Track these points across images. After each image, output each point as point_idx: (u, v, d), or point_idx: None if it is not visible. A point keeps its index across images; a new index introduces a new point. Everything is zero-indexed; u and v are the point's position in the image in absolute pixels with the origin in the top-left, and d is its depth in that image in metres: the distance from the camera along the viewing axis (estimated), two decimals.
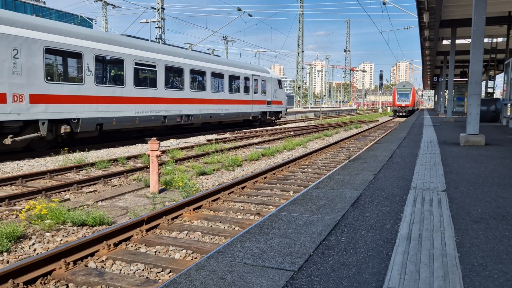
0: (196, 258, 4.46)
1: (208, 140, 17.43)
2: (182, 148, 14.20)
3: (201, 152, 13.10)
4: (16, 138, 11.60)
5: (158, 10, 33.70)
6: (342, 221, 3.61)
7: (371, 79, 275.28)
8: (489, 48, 25.71)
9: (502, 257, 2.73)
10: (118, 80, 15.07)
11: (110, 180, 8.94)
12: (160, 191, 7.82)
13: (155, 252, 4.66)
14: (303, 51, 64.21)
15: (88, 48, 13.59)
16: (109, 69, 14.93)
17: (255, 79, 25.56)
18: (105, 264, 4.30)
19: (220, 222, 5.72)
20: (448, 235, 3.18)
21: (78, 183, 8.19)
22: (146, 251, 4.68)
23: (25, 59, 11.57)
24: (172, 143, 16.39)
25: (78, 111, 13.24)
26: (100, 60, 14.20)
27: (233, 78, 22.94)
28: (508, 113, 17.86)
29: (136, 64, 15.71)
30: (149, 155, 7.74)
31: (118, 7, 40.59)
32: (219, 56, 26.01)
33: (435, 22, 18.47)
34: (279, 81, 29.65)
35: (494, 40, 25.10)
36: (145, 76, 16.60)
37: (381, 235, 3.22)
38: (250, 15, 36.98)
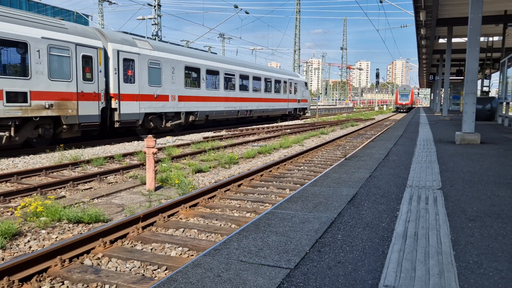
0: (192, 255, 4.46)
1: (204, 138, 17.41)
2: (178, 146, 14.18)
3: (198, 149, 13.08)
4: (172, 123, 18.54)
5: (155, 7, 33.57)
6: (338, 219, 3.61)
7: (367, 77, 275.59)
8: (485, 47, 25.79)
9: (497, 255, 2.75)
10: (216, 86, 22.27)
11: (106, 177, 8.91)
12: (156, 189, 7.81)
13: (151, 249, 4.65)
14: (299, 49, 64.24)
15: (203, 65, 20.75)
16: (212, 78, 22.07)
17: (290, 82, 32.86)
18: (101, 262, 4.29)
19: (216, 220, 5.72)
20: (444, 233, 3.20)
21: (74, 180, 8.16)
22: (142, 249, 4.67)
23: (176, 74, 18.48)
24: (168, 140, 16.36)
25: (197, 107, 20.26)
26: (208, 72, 21.27)
27: (277, 82, 30.44)
28: (504, 112, 17.95)
29: (225, 74, 22.89)
30: (145, 153, 7.72)
31: (114, 3, 40.37)
32: (257, 63, 34.14)
33: (432, 20, 18.50)
34: (306, 83, 37.27)
35: (490, 39, 25.17)
36: (228, 82, 23.61)
37: (377, 233, 3.23)
38: (247, 13, 36.90)
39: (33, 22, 12.10)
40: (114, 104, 14.92)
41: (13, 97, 11.35)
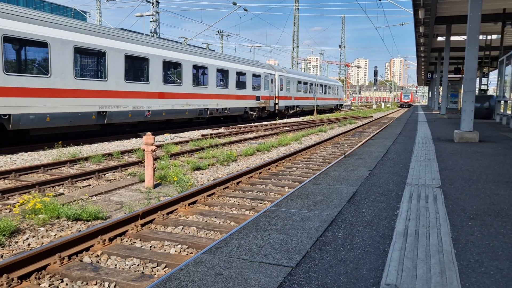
0: (192, 253, 4.45)
1: (202, 135, 17.38)
2: (177, 143, 14.15)
3: (196, 147, 13.05)
4: (291, 111, 34.17)
5: (153, 3, 33.42)
6: (339, 217, 3.61)
7: (365, 75, 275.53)
8: (483, 45, 25.81)
9: (497, 254, 2.75)
10: (307, 90, 38.06)
11: (104, 174, 8.89)
12: (155, 186, 7.79)
13: (151, 247, 4.64)
14: (298, 47, 64.10)
15: (303, 79, 36.99)
16: (305, 86, 37.52)
17: (335, 87, 49.99)
18: (100, 259, 4.28)
19: (215, 217, 5.71)
20: (444, 231, 3.20)
21: (72, 178, 8.13)
22: (141, 246, 4.66)
23: (294, 85, 34.42)
24: (166, 137, 16.34)
25: (300, 103, 35.92)
26: (303, 83, 37.13)
27: (330, 87, 47.26)
28: (502, 110, 17.98)
29: (309, 83, 38.75)
30: (144, 150, 7.70)
31: (112, 0, 40.13)
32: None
33: (430, 18, 18.49)
34: (342, 87, 56.16)
35: (489, 37, 25.19)
36: (310, 88, 39.39)
37: (377, 231, 3.23)
38: (246, 10, 36.75)
39: (262, 66, 28.17)
40: (276, 101, 30.40)
41: (256, 98, 26.51)
